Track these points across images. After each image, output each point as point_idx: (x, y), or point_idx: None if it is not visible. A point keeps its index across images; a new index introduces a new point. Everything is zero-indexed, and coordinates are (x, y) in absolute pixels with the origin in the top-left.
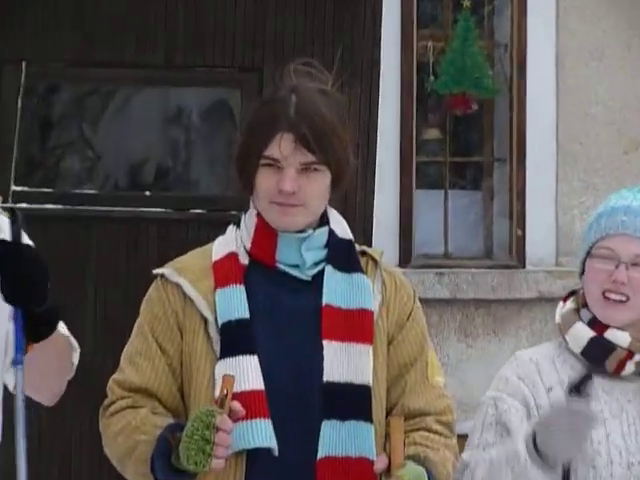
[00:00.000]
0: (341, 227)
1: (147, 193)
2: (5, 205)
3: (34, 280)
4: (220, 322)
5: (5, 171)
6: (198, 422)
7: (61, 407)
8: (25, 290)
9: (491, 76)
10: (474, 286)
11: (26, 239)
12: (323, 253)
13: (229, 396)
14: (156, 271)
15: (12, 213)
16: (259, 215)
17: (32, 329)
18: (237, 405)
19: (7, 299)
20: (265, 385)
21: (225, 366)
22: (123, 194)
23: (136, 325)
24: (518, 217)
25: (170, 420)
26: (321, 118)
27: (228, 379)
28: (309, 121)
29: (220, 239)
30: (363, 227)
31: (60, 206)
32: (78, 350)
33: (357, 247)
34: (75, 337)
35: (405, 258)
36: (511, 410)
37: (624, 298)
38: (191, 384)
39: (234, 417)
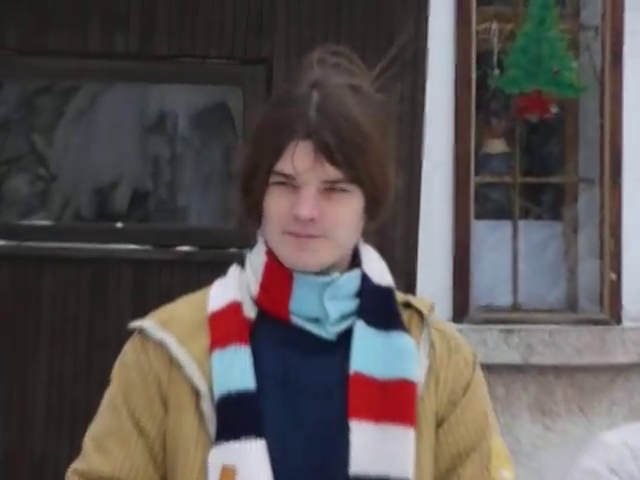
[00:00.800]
0: (379, 269)
1: (119, 225)
2: None
3: None
4: (217, 394)
5: None
6: None
7: None
8: None
9: (576, 69)
10: (553, 348)
11: None
12: (353, 304)
13: None
14: (134, 324)
15: None
16: (269, 252)
17: None
18: None
19: None
20: (274, 478)
21: (222, 453)
22: (86, 226)
23: (106, 397)
24: (612, 257)
25: None
26: (351, 122)
27: (227, 473)
28: (334, 126)
29: (218, 283)
30: (405, 270)
31: (3, 242)
32: None
33: (399, 296)
34: (23, 413)
35: (461, 311)
36: None
37: None
38: (176, 475)
39: None
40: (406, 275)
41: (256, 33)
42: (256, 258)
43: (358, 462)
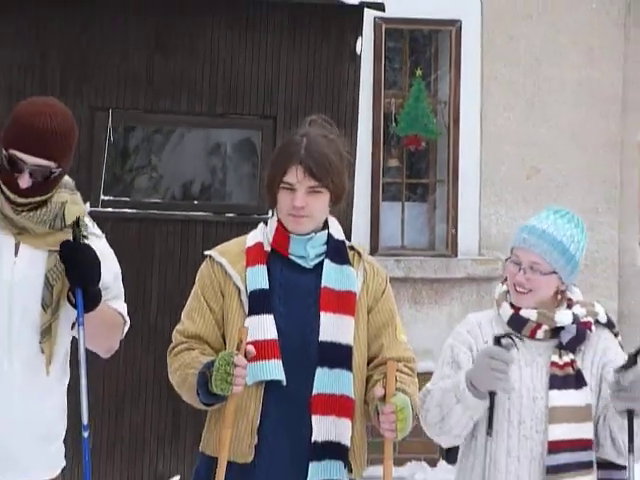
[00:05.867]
0: (337, 230)
1: (195, 202)
2: (95, 209)
3: (88, 269)
4: (249, 291)
5: (97, 186)
6: (222, 360)
7: (133, 354)
8: (82, 276)
9: (435, 123)
10: (421, 269)
11: (96, 239)
12: (323, 249)
13: (244, 341)
14: (206, 252)
15: (76, 222)
16: (279, 221)
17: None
18: (250, 348)
19: (72, 282)
20: (278, 337)
21: (251, 321)
22: (178, 202)
23: (192, 291)
24: (452, 221)
25: (210, 359)
26: (323, 156)
27: (242, 330)
28: (314, 158)
29: (252, 233)
30: (345, 229)
31: (134, 210)
32: (128, 322)
33: (347, 244)
34: (143, 306)
35: (374, 249)
36: (461, 353)
37: (526, 291)
38: (228, 332)
39: (248, 357)
40: (345, 232)
41: (269, 102)
42: (271, 222)
43: (324, 334)
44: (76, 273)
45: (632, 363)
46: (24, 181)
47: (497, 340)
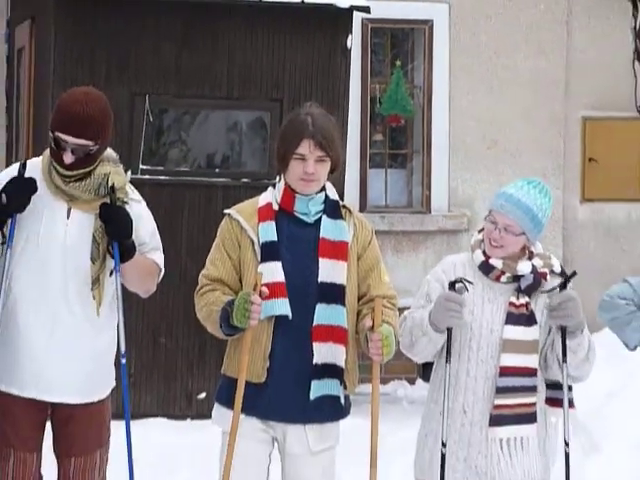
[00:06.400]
0: (332, 193)
1: (216, 170)
2: (136, 177)
3: (122, 226)
4: (260, 242)
5: (137, 158)
6: (241, 299)
7: (166, 294)
8: (117, 231)
9: (412, 105)
10: (401, 224)
11: (136, 203)
12: (321, 207)
13: (259, 284)
14: (226, 211)
15: (112, 188)
16: (286, 184)
17: (123, 255)
18: (264, 289)
19: (109, 237)
20: (285, 279)
21: (263, 267)
22: (203, 170)
23: (214, 243)
24: (426, 185)
25: (230, 298)
26: (326, 131)
27: (257, 275)
28: (320, 133)
29: (263, 194)
30: (339, 191)
31: (167, 177)
32: (162, 270)
33: (341, 204)
34: (175, 255)
35: (362, 207)
36: (433, 289)
37: (499, 245)
38: (244, 276)
39: (262, 296)
40: (339, 194)
41: (276, 88)
42: (279, 185)
43: (322, 276)
44: (112, 230)
45: (562, 288)
46: (68, 157)
47: (452, 285)
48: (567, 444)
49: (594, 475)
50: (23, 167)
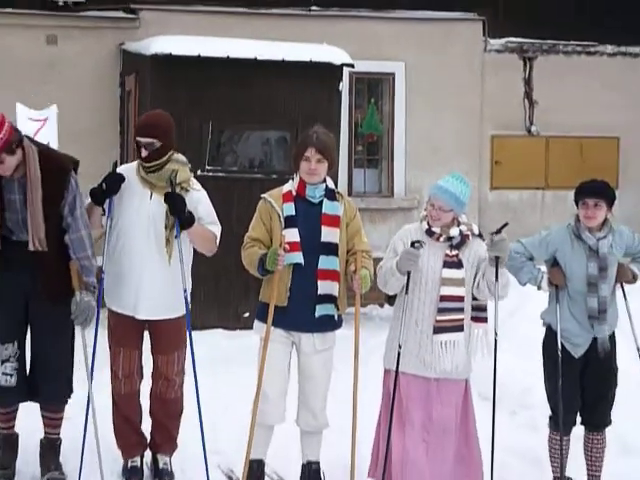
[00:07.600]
0: (330, 183)
1: (255, 169)
2: (203, 174)
3: (180, 209)
4: (284, 216)
5: (204, 161)
6: (272, 252)
7: (223, 251)
8: (177, 211)
9: (381, 127)
10: (375, 204)
11: (196, 191)
12: (323, 193)
13: (284, 242)
14: (262, 195)
15: (171, 181)
16: (301, 178)
17: (182, 225)
18: (286, 246)
19: (170, 213)
20: (299, 240)
21: (285, 232)
22: (246, 170)
23: (254, 216)
24: (391, 179)
25: (265, 251)
26: (325, 143)
27: (282, 236)
28: (321, 144)
29: (286, 185)
30: (333, 182)
31: (224, 174)
32: (218, 237)
33: (336, 191)
34: (229, 226)
35: (349, 193)
36: (399, 246)
37: (436, 219)
38: (273, 237)
39: (285, 250)
40: (334, 184)
41: (294, 117)
42: (296, 179)
43: (324, 237)
44: (172, 208)
45: (498, 232)
46: (143, 152)
47: (412, 244)
48: (496, 333)
49: (501, 369)
50: (115, 166)
